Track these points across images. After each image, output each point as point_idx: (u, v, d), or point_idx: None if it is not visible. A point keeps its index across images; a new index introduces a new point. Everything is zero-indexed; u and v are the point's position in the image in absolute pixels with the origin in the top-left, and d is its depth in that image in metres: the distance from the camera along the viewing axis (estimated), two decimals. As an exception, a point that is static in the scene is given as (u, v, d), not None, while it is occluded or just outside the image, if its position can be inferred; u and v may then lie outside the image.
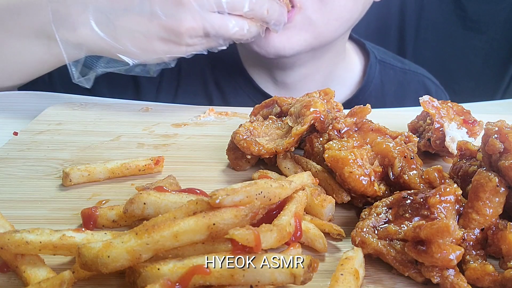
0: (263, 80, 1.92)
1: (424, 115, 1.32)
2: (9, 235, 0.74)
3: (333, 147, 1.03)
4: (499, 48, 3.22)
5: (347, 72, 2.00)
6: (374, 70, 1.99)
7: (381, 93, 2.00)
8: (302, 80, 1.87)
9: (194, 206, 0.75)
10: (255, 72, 1.93)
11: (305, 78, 1.86)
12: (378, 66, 2.01)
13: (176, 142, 1.36)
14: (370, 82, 1.96)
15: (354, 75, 2.01)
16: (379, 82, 1.99)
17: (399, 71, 2.09)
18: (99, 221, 0.92)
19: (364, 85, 1.96)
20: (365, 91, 1.95)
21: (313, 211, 0.96)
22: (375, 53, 2.04)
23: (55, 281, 0.71)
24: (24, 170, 1.16)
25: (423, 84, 2.12)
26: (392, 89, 2.04)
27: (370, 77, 1.97)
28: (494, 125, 0.91)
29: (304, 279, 0.71)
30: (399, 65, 2.11)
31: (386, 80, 2.02)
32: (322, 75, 1.89)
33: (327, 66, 1.87)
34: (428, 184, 0.98)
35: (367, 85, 1.96)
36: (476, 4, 3.13)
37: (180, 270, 0.70)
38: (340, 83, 1.95)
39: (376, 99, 1.94)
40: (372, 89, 1.96)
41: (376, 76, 1.99)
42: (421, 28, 3.29)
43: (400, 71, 2.09)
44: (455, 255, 0.75)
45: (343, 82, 1.97)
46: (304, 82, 1.87)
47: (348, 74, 2.00)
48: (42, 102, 1.61)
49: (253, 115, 1.34)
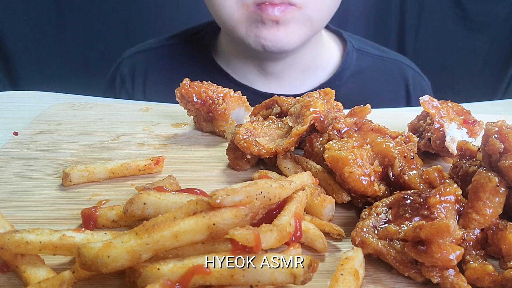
0: (248, 70, 1.99)
1: (424, 115, 1.32)
2: (9, 235, 0.74)
3: (333, 147, 1.03)
4: (499, 48, 3.23)
5: (326, 60, 2.07)
6: (351, 57, 2.07)
7: (359, 78, 2.07)
8: (287, 69, 1.96)
9: (194, 206, 0.75)
10: (240, 64, 1.99)
11: (290, 67, 1.96)
12: (355, 54, 2.09)
13: (176, 142, 1.36)
14: (346, 68, 2.04)
15: (333, 62, 2.08)
16: (356, 69, 2.07)
17: (377, 58, 2.15)
18: (99, 221, 0.92)
19: (340, 70, 2.03)
20: (342, 77, 2.02)
21: (313, 211, 0.96)
22: (352, 42, 2.12)
23: (55, 281, 0.71)
24: (24, 170, 1.16)
25: (401, 70, 2.17)
26: (370, 75, 2.10)
27: (347, 64, 2.04)
28: (494, 125, 0.91)
29: (304, 279, 0.71)
30: (377, 52, 2.18)
31: (364, 66, 2.10)
32: (305, 63, 1.98)
33: (309, 54, 1.97)
34: (428, 184, 0.98)
35: (344, 71, 2.03)
36: (476, 4, 3.14)
37: (180, 270, 0.70)
38: (320, 70, 2.04)
39: (354, 84, 2.03)
40: (349, 75, 2.04)
41: (354, 63, 2.06)
42: (421, 28, 3.29)
43: (378, 58, 2.16)
44: (455, 255, 0.75)
45: (323, 68, 2.05)
46: (289, 70, 1.97)
47: (327, 61, 2.08)
48: (42, 102, 1.61)
49: (253, 115, 1.34)
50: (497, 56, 3.25)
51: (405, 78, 2.15)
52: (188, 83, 1.35)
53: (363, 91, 2.05)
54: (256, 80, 1.99)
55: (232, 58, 2.01)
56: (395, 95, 2.13)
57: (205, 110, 1.35)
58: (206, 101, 1.33)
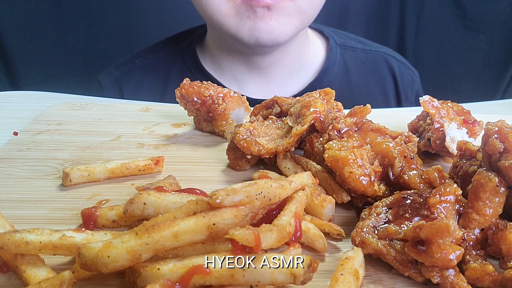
0: (236, 65, 1.99)
1: (424, 115, 1.32)
2: (9, 235, 0.74)
3: (333, 147, 1.03)
4: (499, 48, 3.23)
5: (312, 57, 2.09)
6: (335, 53, 2.09)
7: (345, 73, 2.08)
8: (275, 64, 1.97)
9: (194, 206, 0.75)
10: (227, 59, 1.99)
11: (277, 62, 1.97)
12: (339, 49, 2.10)
13: (176, 142, 1.36)
14: (332, 65, 2.05)
15: (319, 59, 2.09)
16: (342, 64, 2.08)
17: (360, 52, 2.17)
18: (99, 221, 0.92)
19: (325, 67, 2.04)
20: (329, 73, 2.04)
21: (313, 211, 0.96)
22: (334, 38, 2.14)
23: (55, 281, 0.71)
24: (24, 170, 1.16)
25: (386, 62, 2.19)
26: (356, 69, 2.12)
27: (331, 60, 2.06)
28: (494, 125, 0.91)
29: (304, 279, 0.71)
30: (360, 46, 2.19)
31: (349, 61, 2.11)
32: (291, 59, 1.99)
33: (295, 50, 1.98)
34: (428, 184, 0.98)
35: (329, 68, 2.05)
36: (476, 4, 3.14)
37: (180, 270, 0.70)
38: (307, 67, 2.06)
39: (341, 80, 2.05)
40: (336, 71, 2.05)
41: (338, 58, 2.08)
42: (421, 28, 3.29)
43: (362, 52, 2.17)
44: (455, 255, 0.75)
45: (309, 66, 2.07)
46: (276, 66, 1.98)
47: (313, 59, 2.09)
48: (42, 102, 1.61)
49: (253, 115, 1.34)
50: (497, 56, 3.25)
51: (391, 70, 2.17)
52: (188, 83, 1.35)
53: (351, 86, 2.07)
54: (244, 79, 2.00)
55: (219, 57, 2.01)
56: (383, 87, 2.15)
57: (205, 110, 1.35)
58: (206, 101, 1.33)
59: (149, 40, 2.30)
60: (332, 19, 1.86)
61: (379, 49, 2.23)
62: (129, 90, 2.07)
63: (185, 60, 2.05)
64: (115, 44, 3.10)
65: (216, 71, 2.02)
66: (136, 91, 2.06)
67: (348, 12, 3.22)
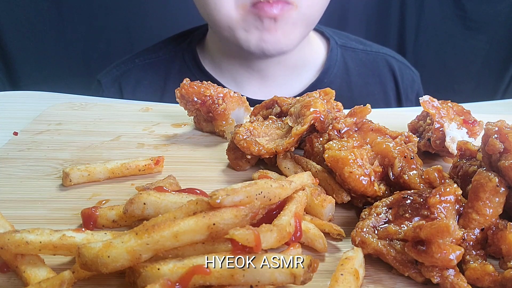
0: (236, 67, 1.99)
1: (424, 115, 1.32)
2: (9, 235, 0.74)
3: (333, 147, 1.03)
4: (499, 48, 3.23)
5: (313, 57, 2.10)
6: (336, 53, 2.09)
7: (346, 74, 2.09)
8: (275, 67, 1.98)
9: (194, 206, 0.75)
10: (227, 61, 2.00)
11: (278, 64, 1.97)
12: (339, 50, 2.11)
13: (176, 142, 1.36)
14: (333, 65, 2.06)
15: (319, 60, 2.10)
16: (342, 65, 2.09)
17: (360, 52, 2.18)
18: (99, 221, 0.92)
19: (326, 68, 2.05)
20: (330, 74, 2.05)
21: (313, 211, 0.96)
22: (335, 39, 2.15)
23: (55, 281, 0.71)
24: (24, 170, 1.16)
25: (386, 62, 2.20)
26: (356, 69, 2.13)
27: (332, 61, 2.07)
28: (494, 125, 0.91)
29: (304, 279, 0.71)
30: (360, 47, 2.20)
31: (349, 62, 2.12)
32: (292, 61, 2.00)
33: (296, 52, 1.98)
34: (428, 184, 0.98)
35: (330, 68, 2.06)
36: (476, 4, 3.14)
37: (180, 270, 0.70)
38: (307, 68, 2.06)
39: (341, 80, 2.06)
40: (336, 72, 2.06)
41: (339, 59, 2.09)
42: (421, 28, 3.29)
43: (362, 53, 2.18)
44: (455, 255, 0.75)
45: (309, 67, 2.07)
46: (277, 68, 1.99)
47: (314, 60, 2.10)
48: (42, 102, 1.61)
49: (253, 115, 1.34)
50: (497, 56, 3.25)
51: (391, 70, 2.18)
52: (188, 83, 1.35)
53: (351, 87, 2.08)
54: (244, 80, 2.00)
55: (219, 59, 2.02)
56: (384, 87, 2.16)
57: (205, 110, 1.35)
58: (206, 101, 1.33)
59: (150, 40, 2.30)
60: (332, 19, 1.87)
61: (380, 50, 2.24)
62: (128, 89, 2.07)
63: (185, 60, 2.05)
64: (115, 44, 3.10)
65: (216, 71, 2.02)
66: (136, 90, 2.06)
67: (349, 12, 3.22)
